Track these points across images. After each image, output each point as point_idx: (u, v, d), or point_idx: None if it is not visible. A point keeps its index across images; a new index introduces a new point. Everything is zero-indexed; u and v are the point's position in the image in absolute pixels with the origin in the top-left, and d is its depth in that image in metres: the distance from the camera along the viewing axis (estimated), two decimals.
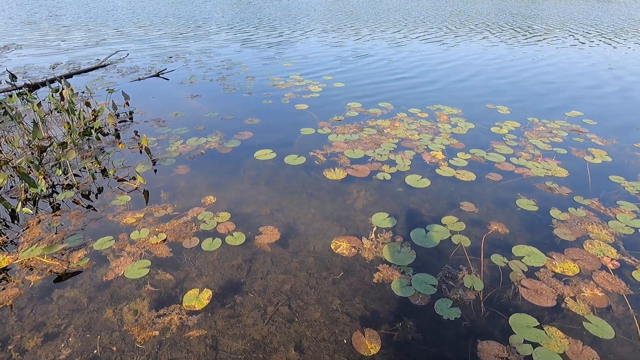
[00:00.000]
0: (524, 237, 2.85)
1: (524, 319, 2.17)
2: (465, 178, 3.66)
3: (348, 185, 3.51)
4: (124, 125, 4.87)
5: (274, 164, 3.92)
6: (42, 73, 7.22)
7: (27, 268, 2.49)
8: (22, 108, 5.24)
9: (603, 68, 8.35)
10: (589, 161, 4.04)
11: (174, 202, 3.21)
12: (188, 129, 4.73)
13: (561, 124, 5.06)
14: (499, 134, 4.71)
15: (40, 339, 2.03)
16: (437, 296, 2.31)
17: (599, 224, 2.99)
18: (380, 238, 2.80)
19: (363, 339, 2.05)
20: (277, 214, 3.09)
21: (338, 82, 6.94)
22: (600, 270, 2.53)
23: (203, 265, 2.54)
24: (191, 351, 1.97)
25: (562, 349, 2.00)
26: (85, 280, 2.41)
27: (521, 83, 7.08)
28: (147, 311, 2.19)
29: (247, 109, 5.52)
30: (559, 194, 3.41)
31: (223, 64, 8.24)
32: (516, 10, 21.65)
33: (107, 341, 2.02)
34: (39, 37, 11.29)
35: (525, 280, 2.44)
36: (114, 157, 3.99)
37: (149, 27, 13.54)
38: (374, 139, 4.48)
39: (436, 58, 9.05)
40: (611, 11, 21.98)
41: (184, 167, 3.82)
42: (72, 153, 3.44)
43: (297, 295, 2.32)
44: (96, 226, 2.91)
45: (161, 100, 5.86)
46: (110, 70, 7.64)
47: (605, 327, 2.13)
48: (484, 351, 1.98)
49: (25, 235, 2.79)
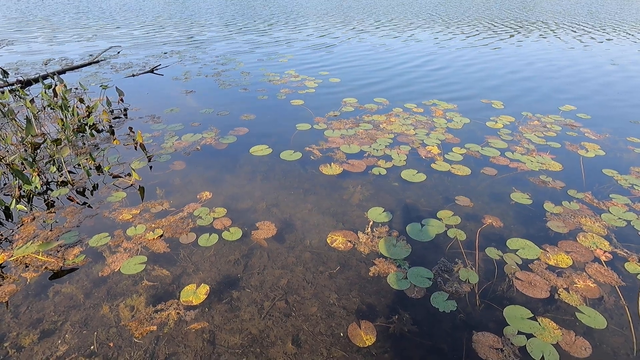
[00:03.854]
0: (518, 231, 2.88)
1: (518, 311, 2.19)
2: (461, 172, 3.68)
3: (344, 180, 3.52)
4: (118, 122, 4.83)
5: (270, 159, 3.92)
6: (35, 69, 7.13)
7: (22, 265, 2.48)
8: (15, 105, 5.19)
9: (597, 63, 8.39)
10: (582, 155, 4.08)
11: (170, 198, 3.20)
12: (183, 125, 4.70)
13: (555, 118, 5.09)
14: (493, 128, 4.73)
15: (37, 335, 2.03)
16: (432, 289, 2.34)
17: (592, 217, 3.03)
18: (376, 232, 2.82)
19: (359, 331, 2.06)
20: (273, 209, 3.10)
21: (334, 77, 6.93)
22: (593, 262, 2.57)
23: (200, 260, 2.55)
24: (189, 346, 1.98)
25: (555, 340, 2.03)
26: (81, 277, 2.40)
27: (515, 78, 7.10)
28: (144, 307, 2.19)
29: (242, 104, 5.50)
30: (553, 188, 3.44)
31: (218, 59, 8.19)
32: (511, 5, 21.67)
33: (104, 337, 2.02)
34: (31, 33, 11.14)
35: (519, 273, 2.47)
36: (108, 154, 3.97)
37: (142, 23, 13.40)
38: (370, 134, 4.48)
39: (431, 53, 9.05)
40: (607, 6, 22.06)
41: (180, 163, 3.81)
42: (66, 150, 3.42)
43: (294, 289, 2.33)
44: (92, 223, 2.90)
45: (156, 97, 5.82)
46: (104, 66, 7.57)
47: (598, 317, 2.17)
48: (479, 342, 2.01)
49: (20, 232, 2.77)
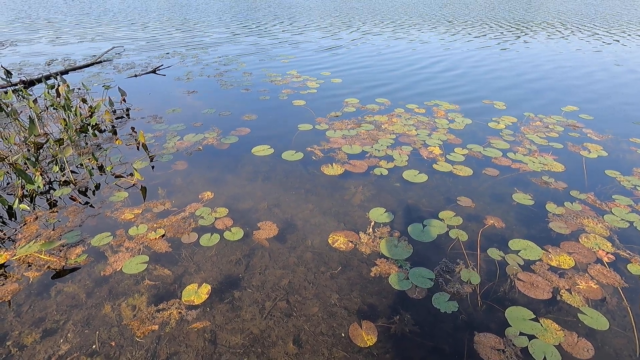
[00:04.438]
0: (520, 231, 2.87)
1: (520, 312, 2.19)
2: (463, 173, 3.67)
3: (346, 181, 3.52)
4: (120, 122, 4.85)
5: (272, 159, 3.92)
6: (38, 69, 7.17)
7: (25, 264, 2.49)
8: (18, 105, 5.21)
9: (600, 63, 8.36)
10: (585, 156, 4.06)
11: (172, 198, 3.21)
12: (185, 125, 4.71)
13: (557, 119, 5.08)
14: (495, 129, 4.72)
15: (39, 334, 2.03)
16: (434, 290, 2.33)
17: (595, 218, 3.02)
18: (378, 233, 2.82)
19: (360, 331, 2.06)
20: (274, 209, 3.10)
21: (335, 78, 6.93)
22: (595, 264, 2.56)
23: (201, 260, 2.55)
24: (190, 345, 1.98)
25: (557, 341, 2.02)
26: (83, 276, 2.41)
27: (517, 79, 7.09)
28: (146, 306, 2.20)
29: (244, 105, 5.51)
30: (555, 189, 3.43)
31: (220, 60, 8.21)
32: (512, 6, 21.63)
33: (106, 336, 2.02)
34: (34, 33, 11.19)
35: (521, 274, 2.46)
36: (111, 154, 3.98)
37: (145, 24, 13.45)
38: (372, 135, 4.48)
39: (433, 54, 9.04)
40: (610, 6, 21.98)
41: (182, 163, 3.81)
42: (69, 150, 3.43)
43: (295, 290, 2.33)
44: (94, 222, 2.91)
45: (158, 97, 5.84)
46: (107, 66, 7.59)
47: (600, 318, 2.16)
48: (481, 343, 2.00)
49: (23, 231, 2.78)
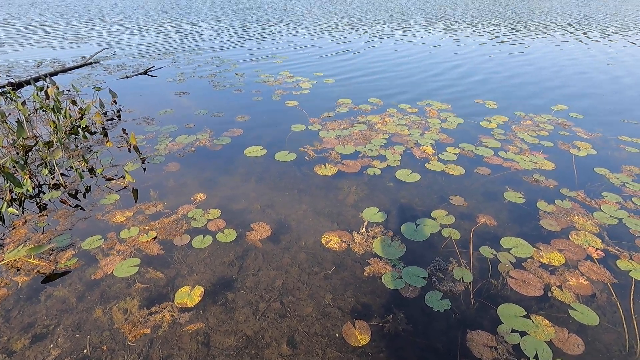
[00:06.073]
0: (511, 229, 2.90)
1: (512, 309, 2.21)
2: (455, 172, 3.69)
3: (339, 181, 3.52)
4: (111, 124, 4.80)
5: (265, 160, 3.91)
6: (26, 71, 7.06)
7: (14, 269, 2.45)
8: (6, 107, 5.13)
9: (590, 62, 8.48)
10: (574, 154, 4.11)
11: (164, 200, 3.18)
12: (177, 127, 4.68)
13: (547, 117, 5.14)
14: (487, 128, 4.76)
15: (29, 340, 2.00)
16: (427, 288, 2.34)
17: (584, 215, 3.06)
18: (371, 232, 2.82)
19: (353, 330, 2.06)
20: (268, 210, 3.09)
21: (328, 78, 6.94)
22: (585, 260, 2.59)
23: (194, 262, 2.53)
24: (183, 348, 1.96)
25: (548, 337, 2.05)
26: (73, 280, 2.38)
27: (509, 78, 7.16)
28: (138, 309, 2.17)
29: (237, 106, 5.49)
30: (546, 187, 3.47)
31: (212, 61, 8.17)
32: (505, 7, 21.85)
33: (97, 340, 2.00)
34: (23, 34, 11.03)
35: (513, 271, 2.48)
36: (101, 156, 3.94)
37: (136, 24, 13.33)
38: (365, 135, 4.49)
39: (425, 54, 9.10)
40: (599, 7, 22.32)
41: (174, 164, 3.79)
42: (59, 152, 3.39)
43: (289, 290, 2.33)
44: (84, 226, 2.87)
45: (149, 98, 5.79)
46: (97, 68, 7.51)
47: (590, 314, 2.19)
48: (474, 341, 2.02)
49: (11, 235, 2.74)
